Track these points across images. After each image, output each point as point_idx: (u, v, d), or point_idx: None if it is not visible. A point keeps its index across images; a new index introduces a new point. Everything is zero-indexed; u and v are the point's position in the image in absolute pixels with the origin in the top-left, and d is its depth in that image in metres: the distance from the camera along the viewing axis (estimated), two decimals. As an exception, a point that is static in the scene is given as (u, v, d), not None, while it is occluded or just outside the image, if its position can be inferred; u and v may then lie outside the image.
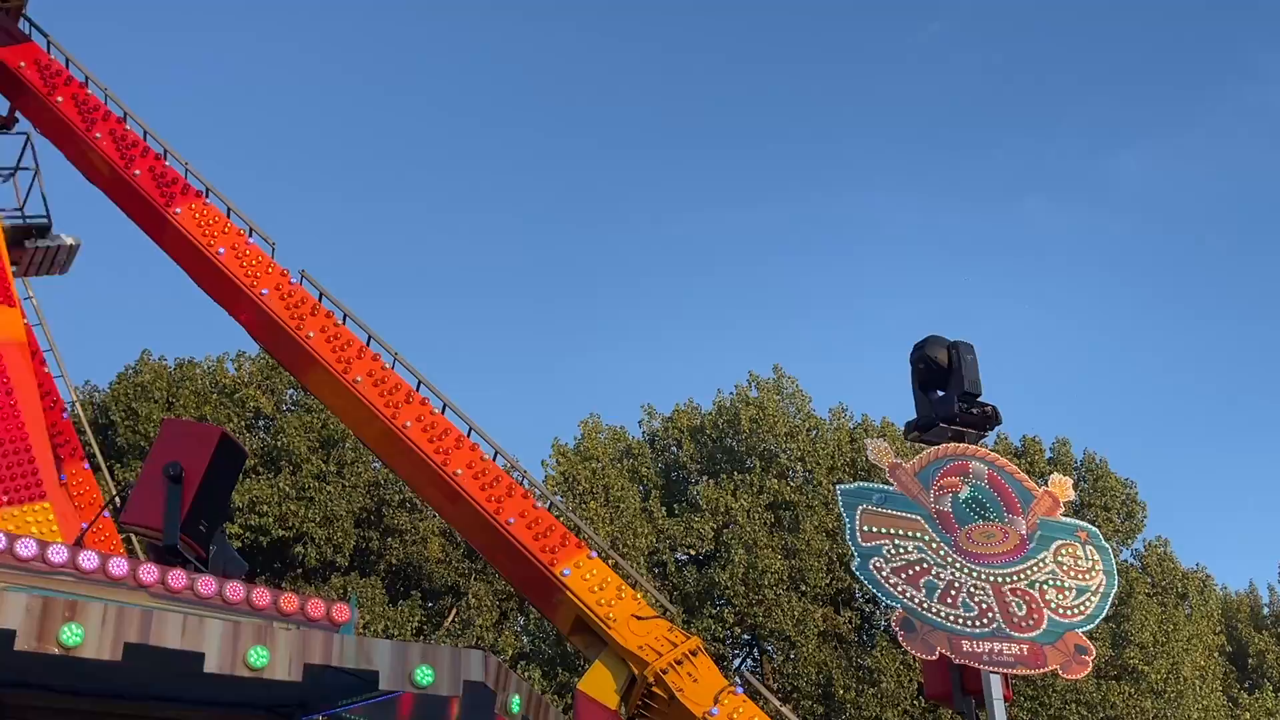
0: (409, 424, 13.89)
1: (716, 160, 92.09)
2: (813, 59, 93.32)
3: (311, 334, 14.35)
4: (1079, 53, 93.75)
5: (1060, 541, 13.64)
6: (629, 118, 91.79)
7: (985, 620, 12.69)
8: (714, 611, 33.81)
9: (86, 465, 20.14)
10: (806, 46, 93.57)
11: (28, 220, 18.01)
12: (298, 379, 18.85)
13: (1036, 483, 14.25)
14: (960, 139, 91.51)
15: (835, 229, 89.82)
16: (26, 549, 8.52)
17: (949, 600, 12.71)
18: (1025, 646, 12.67)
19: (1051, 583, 13.24)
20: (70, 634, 6.74)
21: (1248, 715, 37.43)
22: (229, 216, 15.35)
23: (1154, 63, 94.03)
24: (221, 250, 14.90)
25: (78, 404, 20.88)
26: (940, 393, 14.73)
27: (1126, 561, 37.97)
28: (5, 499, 13.04)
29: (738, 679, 14.25)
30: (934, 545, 13.08)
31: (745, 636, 36.04)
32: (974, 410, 14.49)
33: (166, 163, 15.51)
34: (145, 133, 15.72)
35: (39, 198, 18.14)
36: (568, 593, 13.01)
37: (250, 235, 15.34)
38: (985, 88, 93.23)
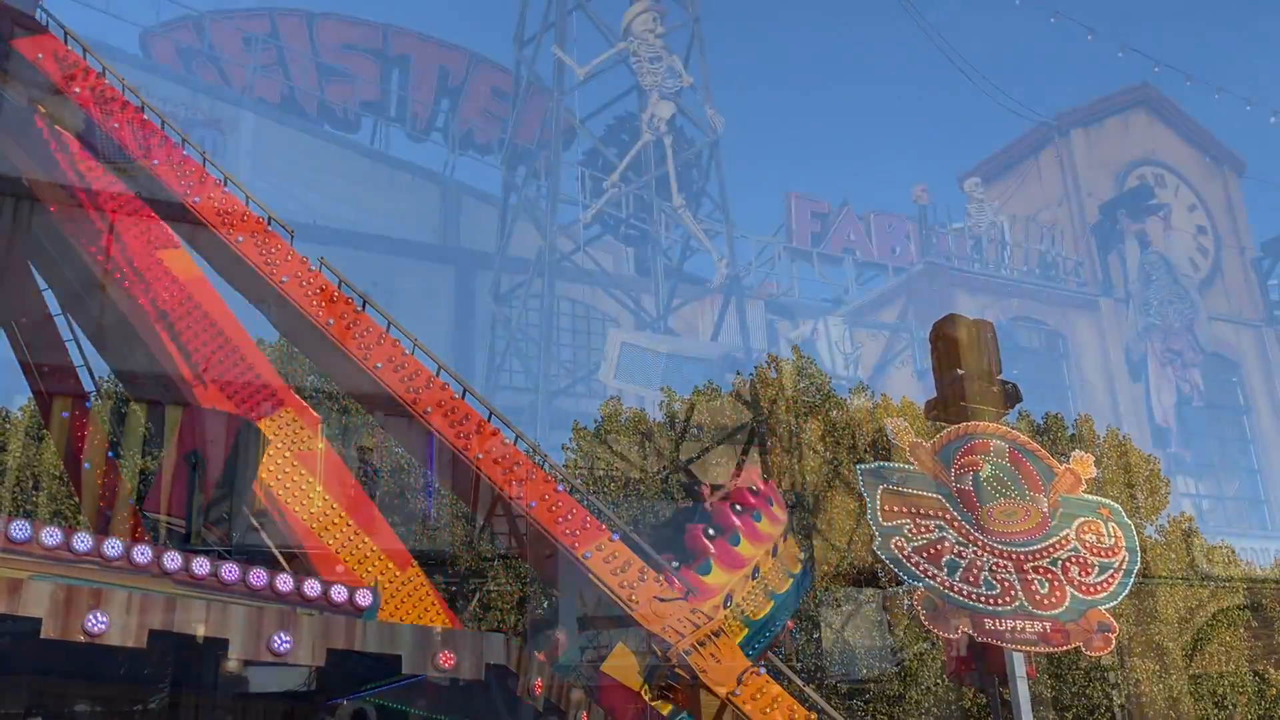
0: (430, 410, 13.91)
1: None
2: (818, 33, 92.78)
3: (331, 321, 14.37)
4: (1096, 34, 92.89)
5: (1083, 519, 13.57)
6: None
7: (1008, 598, 12.65)
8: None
9: (110, 454, 20.25)
10: (811, 29, 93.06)
11: None
12: (318, 365, 18.86)
13: (1058, 460, 14.17)
14: (973, 121, 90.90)
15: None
16: (51, 538, 8.58)
17: (971, 579, 12.69)
18: (1048, 624, 12.64)
19: (1074, 560, 13.18)
20: (95, 622, 6.79)
21: (1274, 691, 37.25)
22: (248, 205, 15.38)
23: (1168, 44, 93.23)
24: (240, 239, 14.93)
25: (101, 393, 20.97)
26: (960, 371, 14.68)
27: (1150, 538, 37.77)
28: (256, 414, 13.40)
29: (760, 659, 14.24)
30: (955, 524, 13.04)
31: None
32: (994, 388, 14.44)
33: (185, 152, 15.54)
34: (163, 122, 15.74)
35: None
36: (590, 575, 13.02)
37: (269, 223, 15.36)
38: (997, 67, 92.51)
